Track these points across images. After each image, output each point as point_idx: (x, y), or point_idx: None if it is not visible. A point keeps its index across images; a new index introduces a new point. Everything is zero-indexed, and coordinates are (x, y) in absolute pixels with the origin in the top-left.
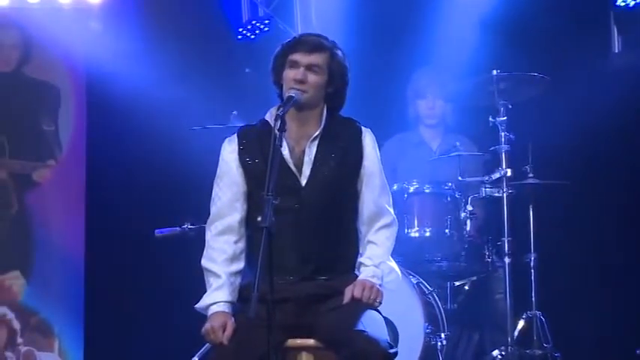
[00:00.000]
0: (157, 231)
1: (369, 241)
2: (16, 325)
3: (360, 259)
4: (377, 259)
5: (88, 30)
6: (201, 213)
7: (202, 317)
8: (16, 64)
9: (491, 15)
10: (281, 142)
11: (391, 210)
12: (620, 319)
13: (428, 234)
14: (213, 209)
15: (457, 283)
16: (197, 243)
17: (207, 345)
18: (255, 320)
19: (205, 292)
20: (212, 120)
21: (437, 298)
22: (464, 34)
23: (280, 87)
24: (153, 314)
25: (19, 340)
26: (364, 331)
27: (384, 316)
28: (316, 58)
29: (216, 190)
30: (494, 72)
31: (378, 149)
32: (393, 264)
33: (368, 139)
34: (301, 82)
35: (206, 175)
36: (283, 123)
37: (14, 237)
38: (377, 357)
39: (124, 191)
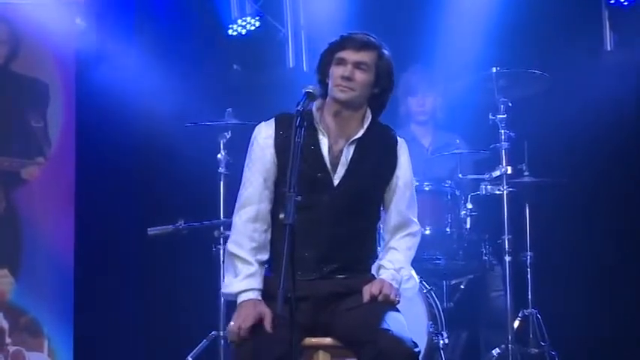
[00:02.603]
0: (149, 229)
1: (391, 247)
2: (5, 324)
3: (381, 262)
4: (397, 264)
5: (76, 25)
6: (195, 211)
7: (195, 317)
8: (4, 60)
9: (488, 12)
10: (300, 138)
11: (416, 220)
12: (617, 317)
13: (428, 232)
14: (244, 193)
15: (453, 282)
16: (190, 241)
17: (201, 345)
18: (279, 319)
19: (218, 278)
20: (202, 117)
21: (435, 297)
22: (459, 32)
23: (326, 86)
24: (143, 314)
25: (8, 339)
26: (389, 330)
27: None
28: (364, 56)
29: (247, 175)
30: (494, 69)
31: (410, 160)
32: (413, 273)
33: (403, 150)
34: (348, 79)
35: (199, 172)
36: (302, 119)
37: (2, 235)
38: (402, 356)
39: (114, 189)
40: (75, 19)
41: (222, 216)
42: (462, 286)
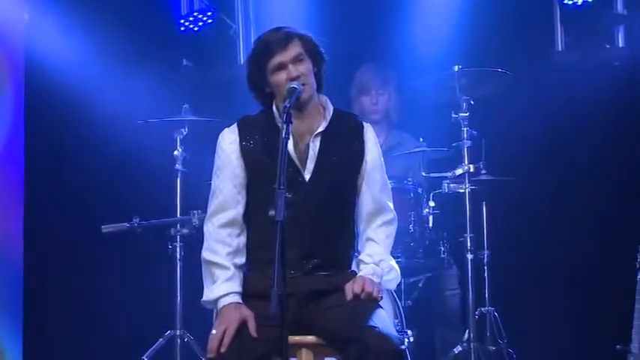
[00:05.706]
0: (103, 227)
1: (369, 238)
2: None
3: (360, 257)
4: (377, 257)
5: (24, 21)
6: (151, 208)
7: (151, 316)
8: None
9: (448, 11)
10: (288, 134)
11: (391, 206)
12: (574, 315)
13: None
14: (214, 202)
15: (412, 280)
16: (146, 239)
17: (157, 344)
18: (260, 319)
19: (198, 286)
20: (157, 113)
21: (395, 295)
22: (419, 31)
23: (266, 96)
24: (98, 313)
25: None
26: (375, 327)
27: None
28: (295, 49)
29: (216, 183)
30: (456, 67)
31: (379, 144)
32: (393, 263)
33: (369, 134)
34: (298, 77)
35: (155, 169)
36: (289, 115)
37: None
38: (390, 352)
39: (64, 188)
40: (23, 14)
41: (178, 214)
42: (420, 285)
